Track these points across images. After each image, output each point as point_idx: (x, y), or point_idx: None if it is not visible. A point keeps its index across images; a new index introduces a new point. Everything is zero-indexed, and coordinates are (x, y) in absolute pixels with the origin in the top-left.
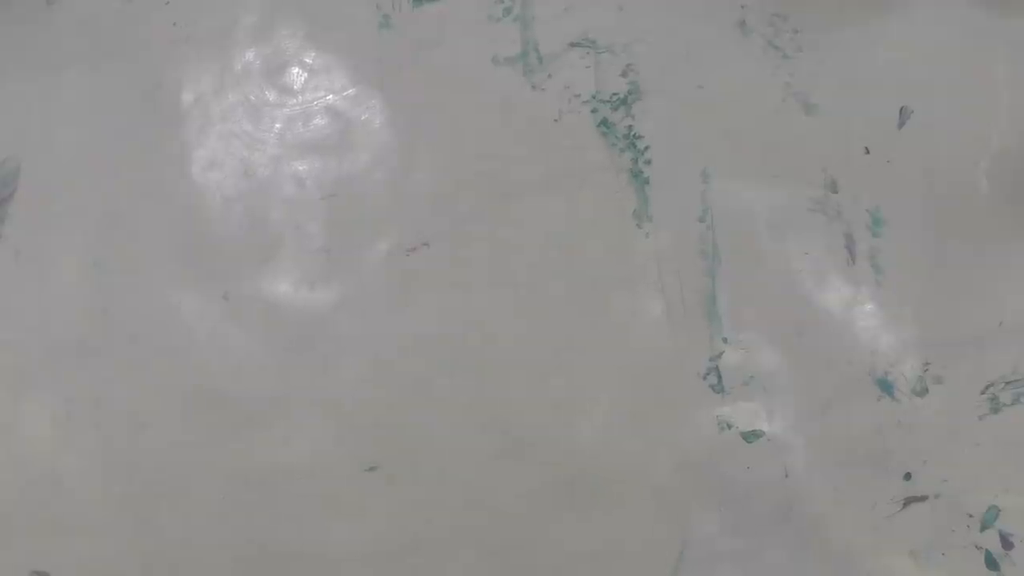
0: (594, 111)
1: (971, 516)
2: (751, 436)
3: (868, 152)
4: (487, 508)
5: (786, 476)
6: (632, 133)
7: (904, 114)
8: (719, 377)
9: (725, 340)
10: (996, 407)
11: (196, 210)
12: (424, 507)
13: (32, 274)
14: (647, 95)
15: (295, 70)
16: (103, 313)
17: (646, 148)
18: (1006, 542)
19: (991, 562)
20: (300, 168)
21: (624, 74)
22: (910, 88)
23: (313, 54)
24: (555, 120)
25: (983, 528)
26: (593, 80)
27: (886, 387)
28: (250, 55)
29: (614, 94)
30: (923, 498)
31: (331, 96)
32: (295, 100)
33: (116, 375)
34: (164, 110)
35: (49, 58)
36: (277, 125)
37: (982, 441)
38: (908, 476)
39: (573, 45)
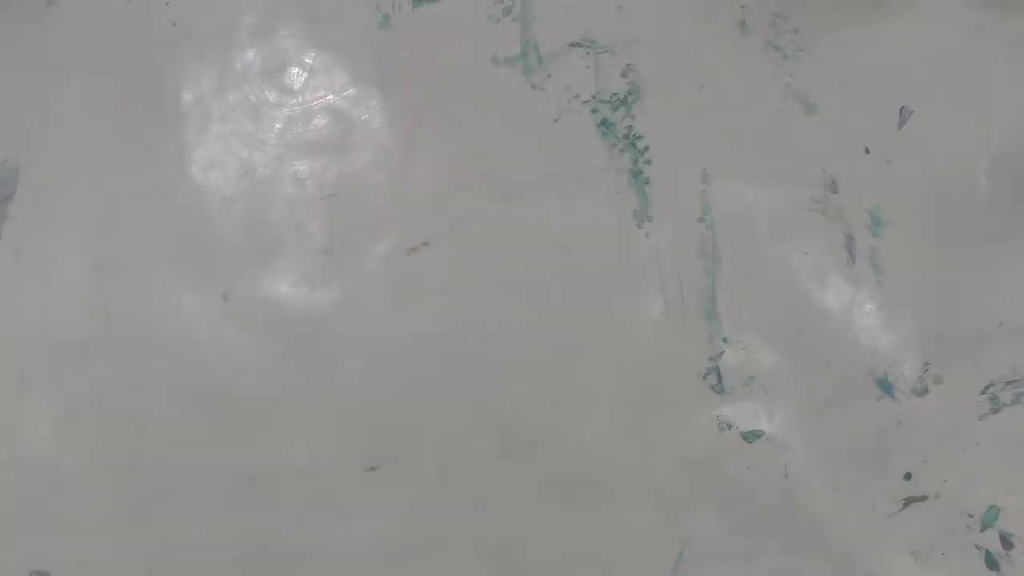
0: (594, 111)
1: (971, 516)
2: (751, 436)
3: (868, 152)
4: (487, 508)
5: (786, 476)
6: (632, 133)
7: (904, 114)
8: (719, 377)
9: (725, 340)
10: (996, 407)
11: (196, 210)
12: (424, 507)
13: (32, 274)
14: (647, 95)
15: (295, 70)
16: (103, 313)
17: (646, 148)
18: (1006, 542)
19: (991, 562)
20: (300, 168)
21: (624, 74)
22: (910, 88)
23: (313, 54)
24: (555, 120)
25: (983, 528)
26: (593, 80)
27: (886, 387)
28: (250, 55)
29: (614, 94)
30: (923, 498)
31: (331, 96)
32: (295, 100)
33: (116, 375)
34: (164, 110)
35: (49, 58)
36: (277, 125)
37: (982, 441)
38: (908, 476)
39: (573, 45)
